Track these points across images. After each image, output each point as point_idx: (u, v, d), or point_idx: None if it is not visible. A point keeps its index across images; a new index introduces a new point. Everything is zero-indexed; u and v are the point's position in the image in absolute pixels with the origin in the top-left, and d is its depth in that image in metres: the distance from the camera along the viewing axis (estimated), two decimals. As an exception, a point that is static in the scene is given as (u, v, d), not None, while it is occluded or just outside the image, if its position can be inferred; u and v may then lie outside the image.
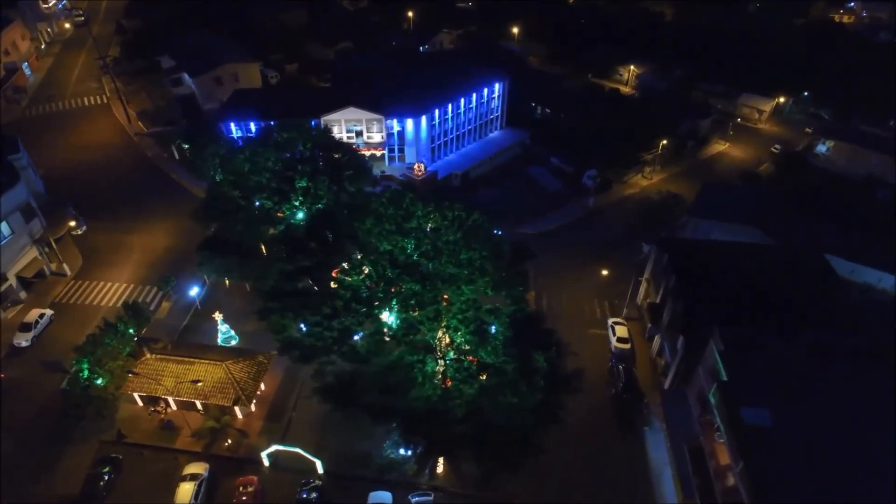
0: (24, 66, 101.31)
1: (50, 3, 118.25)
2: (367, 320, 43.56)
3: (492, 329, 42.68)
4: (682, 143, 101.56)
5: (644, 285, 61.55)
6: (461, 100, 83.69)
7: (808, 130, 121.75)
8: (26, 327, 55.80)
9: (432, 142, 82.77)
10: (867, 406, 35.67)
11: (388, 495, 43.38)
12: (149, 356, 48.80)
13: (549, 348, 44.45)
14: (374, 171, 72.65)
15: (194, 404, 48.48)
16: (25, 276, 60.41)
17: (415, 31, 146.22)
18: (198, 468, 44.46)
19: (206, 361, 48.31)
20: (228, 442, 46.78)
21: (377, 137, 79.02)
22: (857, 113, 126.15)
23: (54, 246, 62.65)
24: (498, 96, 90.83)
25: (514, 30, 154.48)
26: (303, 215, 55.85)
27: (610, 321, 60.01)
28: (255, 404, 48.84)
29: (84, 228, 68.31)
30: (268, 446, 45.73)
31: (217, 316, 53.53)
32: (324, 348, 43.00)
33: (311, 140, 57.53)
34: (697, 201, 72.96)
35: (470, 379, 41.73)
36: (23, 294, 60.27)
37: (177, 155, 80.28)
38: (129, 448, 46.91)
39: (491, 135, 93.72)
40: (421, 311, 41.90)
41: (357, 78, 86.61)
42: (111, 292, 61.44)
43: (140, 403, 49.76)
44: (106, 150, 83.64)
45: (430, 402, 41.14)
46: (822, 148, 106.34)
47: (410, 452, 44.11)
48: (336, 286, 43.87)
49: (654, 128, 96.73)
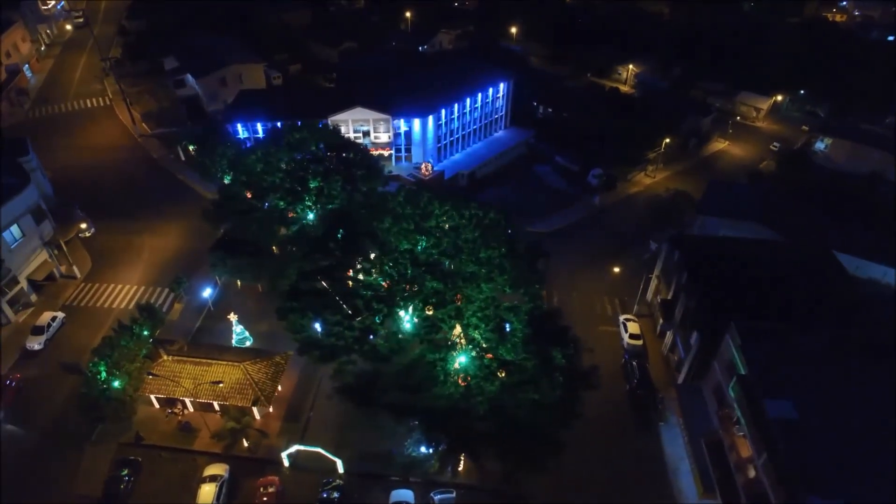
0: (25, 68, 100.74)
1: (49, 5, 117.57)
2: (388, 319, 43.81)
3: (509, 326, 43.05)
4: (684, 142, 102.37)
5: (654, 282, 62.06)
6: (467, 99, 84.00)
7: (805, 128, 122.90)
8: (38, 330, 55.57)
9: (439, 141, 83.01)
10: (888, 397, 36.24)
11: (409, 494, 43.55)
12: (165, 358, 48.72)
13: (566, 345, 44.83)
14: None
15: (212, 405, 48.52)
16: (36, 278, 60.24)
17: (413, 32, 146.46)
18: (218, 469, 44.44)
19: (224, 362, 48.28)
20: (246, 443, 46.78)
21: (384, 137, 79.19)
22: (854, 110, 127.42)
23: (64, 248, 62.42)
24: (503, 96, 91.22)
25: (513, 30, 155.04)
26: (313, 216, 55.99)
27: (621, 318, 60.47)
28: (272, 405, 48.91)
29: (92, 230, 68.13)
30: (287, 447, 45.81)
31: (232, 317, 53.47)
32: (345, 348, 43.18)
33: (323, 140, 57.60)
34: (705, 199, 73.53)
35: (490, 376, 42.01)
36: (33, 297, 60.03)
37: (183, 156, 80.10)
38: (147, 450, 46.89)
39: (496, 134, 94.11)
40: (442, 310, 42.21)
41: (362, 78, 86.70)
42: (122, 294, 61.28)
43: (156, 405, 49.71)
44: (111, 152, 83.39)
45: (453, 399, 41.47)
46: (820, 145, 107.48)
47: (431, 450, 44.30)
48: (357, 285, 44.06)
49: (657, 126, 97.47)
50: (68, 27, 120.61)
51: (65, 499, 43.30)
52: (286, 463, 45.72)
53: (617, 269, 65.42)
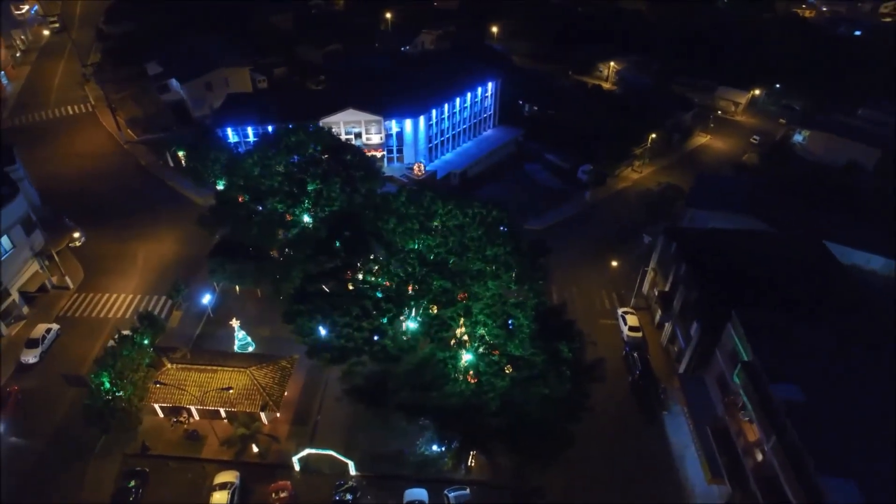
0: (1, 75, 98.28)
1: (23, 10, 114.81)
2: (397, 319, 43.97)
3: (514, 322, 43.46)
4: (667, 137, 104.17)
5: (650, 275, 63.14)
6: (457, 99, 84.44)
7: (782, 121, 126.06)
8: (33, 343, 54.40)
9: (430, 141, 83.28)
10: (890, 379, 37.57)
11: (423, 492, 43.70)
12: (169, 366, 48.15)
13: (572, 339, 45.54)
14: (377, 173, 72.96)
15: (218, 413, 48.12)
16: (28, 290, 58.97)
17: (395, 33, 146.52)
18: (228, 476, 44.07)
19: (230, 369, 47.91)
20: (256, 449, 46.47)
21: (376, 139, 79.17)
22: (827, 103, 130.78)
23: (56, 258, 61.20)
24: (491, 95, 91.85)
25: (494, 29, 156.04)
26: (312, 219, 55.82)
27: (620, 311, 61.46)
28: (280, 409, 48.63)
29: (83, 240, 66.86)
30: (296, 450, 45.68)
31: (234, 323, 53.08)
32: (355, 349, 43.25)
33: (320, 143, 57.45)
34: (694, 192, 75.03)
35: (500, 372, 42.43)
36: (25, 309, 58.72)
37: (172, 162, 79.03)
38: (154, 460, 46.29)
39: (485, 133, 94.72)
40: (451, 308, 42.52)
41: (352, 80, 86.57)
42: (118, 303, 60.30)
43: (161, 415, 49.10)
44: (97, 160, 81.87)
45: (464, 397, 41.79)
46: (798, 137, 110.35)
47: (444, 448, 44.57)
48: (365, 286, 44.13)
49: (642, 122, 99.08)
50: (45, 32, 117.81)
51: (72, 512, 42.62)
52: (297, 467, 45.55)
53: (613, 264, 66.49)
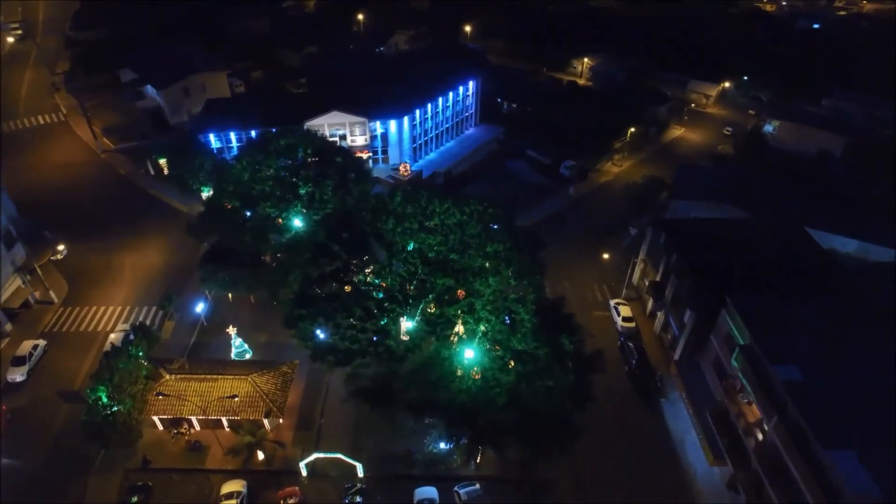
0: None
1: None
2: (401, 319, 44.07)
3: (515, 317, 43.97)
4: (644, 130, 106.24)
5: (640, 266, 64.39)
6: (439, 98, 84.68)
7: (751, 112, 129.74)
8: (19, 361, 52.81)
9: (414, 141, 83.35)
10: (884, 356, 39.24)
11: (433, 490, 43.91)
12: (168, 377, 47.29)
13: (572, 332, 46.27)
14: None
15: (220, 422, 47.47)
16: (11, 307, 57.22)
17: (369, 34, 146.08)
18: (235, 486, 43.56)
19: (231, 377, 47.31)
20: (262, 456, 46.03)
21: (361, 140, 78.92)
22: (792, 94, 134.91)
23: (39, 273, 59.47)
24: (472, 93, 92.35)
25: (467, 28, 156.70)
26: (304, 222, 55.37)
27: (612, 303, 62.59)
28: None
29: (64, 253, 65.08)
30: (303, 456, 45.45)
31: (231, 330, 52.37)
32: (360, 351, 43.21)
33: (311, 145, 57.06)
34: (676, 183, 76.77)
35: (505, 367, 42.85)
36: (8, 326, 56.97)
37: (152, 171, 77.39)
38: (156, 474, 45.45)
39: (467, 132, 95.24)
40: (456, 305, 42.81)
41: (334, 82, 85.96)
42: (106, 316, 58.91)
43: (160, 427, 48.24)
44: (74, 170, 79.62)
45: (471, 393, 42.09)
46: (768, 128, 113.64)
47: (451, 445, 44.82)
48: (367, 287, 44.09)
49: (619, 116, 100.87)
50: (10, 39, 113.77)
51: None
52: (304, 472, 45.26)
53: (602, 257, 67.61)
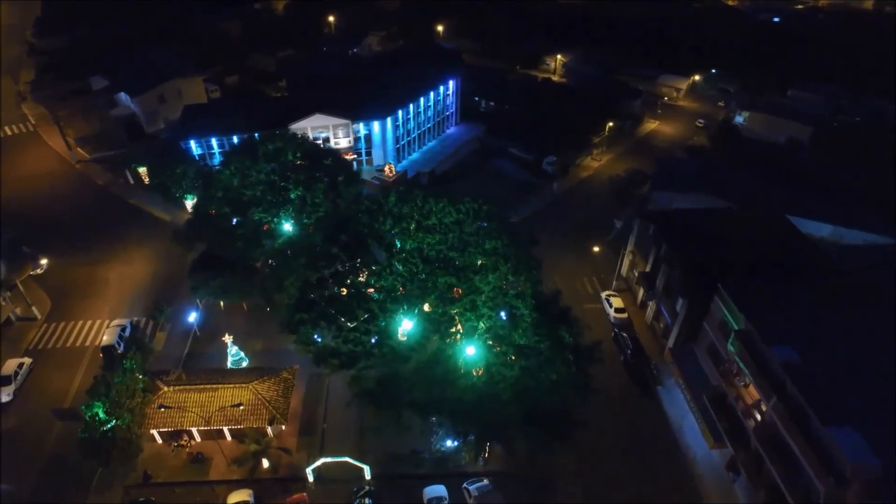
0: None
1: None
2: (402, 319, 44.09)
3: (516, 312, 44.42)
4: (620, 124, 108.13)
5: (628, 258, 65.63)
6: (420, 99, 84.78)
7: (720, 104, 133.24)
8: (5, 380, 51.05)
9: (397, 142, 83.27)
10: (875, 336, 40.94)
11: (442, 488, 44.07)
12: (166, 389, 46.39)
13: (571, 325, 47.01)
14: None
15: (222, 432, 46.80)
16: (-7, 325, 55.35)
17: (341, 35, 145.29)
18: (242, 496, 42.98)
19: (231, 385, 46.68)
20: (267, 464, 45.52)
21: (344, 143, 78.50)
22: (758, 85, 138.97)
23: (20, 288, 57.60)
24: (452, 93, 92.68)
25: (439, 28, 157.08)
26: (293, 226, 54.92)
27: (603, 295, 63.68)
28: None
29: (44, 267, 63.13)
30: (308, 461, 45.12)
31: (227, 339, 51.74)
32: (364, 352, 43.09)
33: (299, 149, 56.60)
34: (656, 176, 78.41)
35: (508, 362, 43.26)
36: (-10, 345, 55.06)
37: (132, 180, 75.54)
38: (158, 488, 44.55)
39: (448, 131, 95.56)
40: (458, 303, 43.04)
41: (314, 84, 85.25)
42: (93, 330, 57.39)
43: (159, 441, 47.30)
44: (49, 182, 77.13)
45: (477, 389, 42.41)
46: (739, 119, 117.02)
47: (459, 442, 45.09)
48: (370, 289, 43.99)
49: (597, 111, 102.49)
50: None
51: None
52: (311, 478, 44.93)
53: (595, 249, 68.67)
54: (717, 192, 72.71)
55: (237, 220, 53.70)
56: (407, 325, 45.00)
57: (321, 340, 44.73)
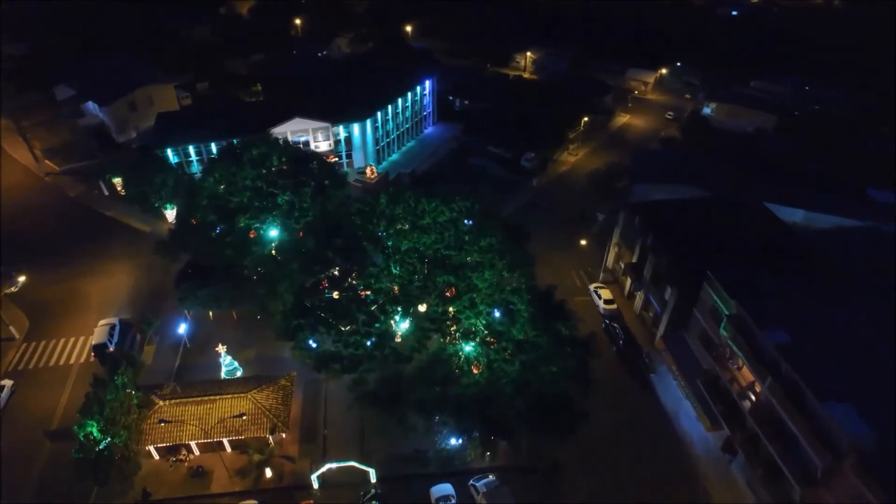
0: None
1: None
2: (401, 320, 44.10)
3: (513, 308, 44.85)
4: (594, 118, 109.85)
5: (614, 250, 66.81)
6: (398, 100, 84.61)
7: (687, 96, 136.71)
8: (-14, 405, 49.27)
9: (377, 144, 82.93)
10: (862, 317, 42.71)
11: (449, 487, 44.20)
12: (162, 403, 45.30)
13: (567, 318, 47.72)
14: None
15: (221, 444, 45.96)
16: (-31, 348, 53.14)
17: (310, 38, 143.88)
18: (247, 507, 42.46)
19: (229, 396, 45.86)
20: (270, 473, 44.93)
21: (324, 146, 77.81)
22: (722, 77, 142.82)
23: (-3, 308, 55.53)
24: (429, 93, 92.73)
25: (409, 28, 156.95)
26: (285, 231, 54.28)
27: (591, 287, 64.71)
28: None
29: (20, 284, 60.85)
30: (312, 468, 44.73)
31: (220, 349, 50.80)
32: (366, 355, 42.94)
33: (284, 153, 55.91)
34: (633, 168, 79.88)
35: (509, 357, 43.66)
36: (-33, 369, 52.87)
37: (106, 191, 73.31)
38: (159, 505, 43.61)
39: (426, 131, 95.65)
40: (458, 301, 43.23)
41: (290, 88, 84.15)
42: (77, 347, 55.64)
43: (157, 456, 46.20)
44: (17, 196, 74.21)
45: (480, 386, 42.69)
46: (707, 110, 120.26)
47: (464, 440, 45.27)
48: (368, 291, 43.82)
49: (570, 107, 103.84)
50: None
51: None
52: (316, 485, 44.52)
53: (583, 243, 69.66)
54: (694, 182, 74.45)
55: (224, 227, 52.67)
56: (407, 326, 45.07)
57: (320, 346, 44.30)
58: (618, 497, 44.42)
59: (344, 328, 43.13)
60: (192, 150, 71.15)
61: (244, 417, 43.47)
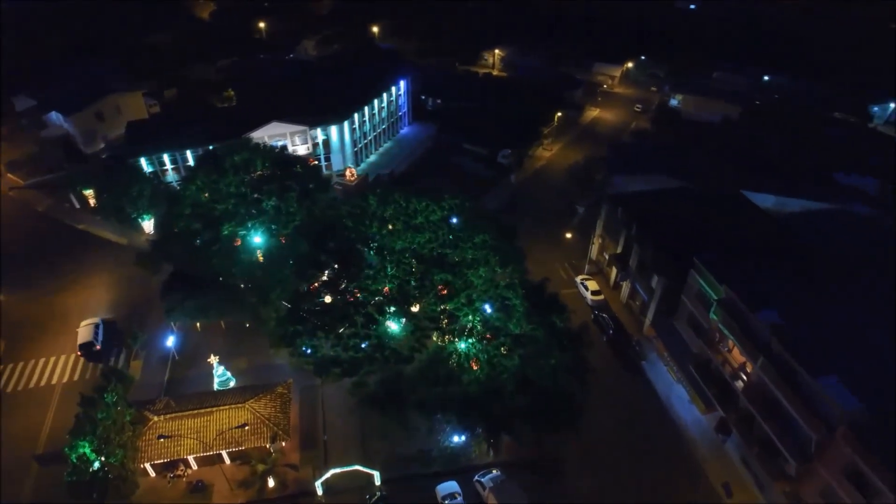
0: None
1: None
2: (402, 320, 43.95)
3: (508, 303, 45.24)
4: (567, 113, 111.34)
5: (597, 242, 67.89)
6: (375, 101, 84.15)
7: (653, 89, 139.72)
8: (-35, 432, 47.14)
9: (355, 146, 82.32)
10: (846, 297, 44.52)
11: (454, 484, 44.31)
12: (156, 419, 44.09)
13: (561, 311, 48.38)
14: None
15: (220, 456, 45.05)
16: (-58, 373, 50.74)
17: (275, 40, 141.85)
18: (252, 518, 41.77)
19: (226, 407, 44.92)
20: (272, 483, 44.27)
21: (302, 149, 76.82)
22: (685, 69, 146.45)
23: (-30, 331, 53.14)
24: (404, 93, 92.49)
25: (375, 29, 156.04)
26: (273, 237, 53.43)
27: (578, 279, 65.67)
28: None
29: (-9, 305, 58.49)
30: (315, 475, 44.27)
31: (213, 360, 49.73)
32: (366, 358, 42.68)
33: (267, 158, 55.05)
34: (610, 161, 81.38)
35: (507, 352, 44.01)
36: (-58, 396, 50.48)
37: (77, 204, 70.76)
38: (158, 523, 42.52)
39: (402, 131, 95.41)
40: (456, 299, 43.36)
41: (264, 92, 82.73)
42: (58, 367, 53.66)
43: (152, 474, 44.99)
44: (-22, 213, 71.17)
45: (480, 382, 42.89)
46: (674, 101, 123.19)
47: (467, 437, 45.43)
48: (365, 293, 43.54)
49: (542, 103, 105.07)
50: None
51: None
52: (320, 491, 44.06)
53: (563, 236, 70.55)
54: (669, 172, 76.27)
55: (210, 235, 51.55)
56: (405, 326, 44.92)
57: (319, 350, 43.80)
58: (618, 486, 45.13)
59: (343, 331, 42.72)
60: (167, 158, 69.27)
61: (247, 428, 42.66)
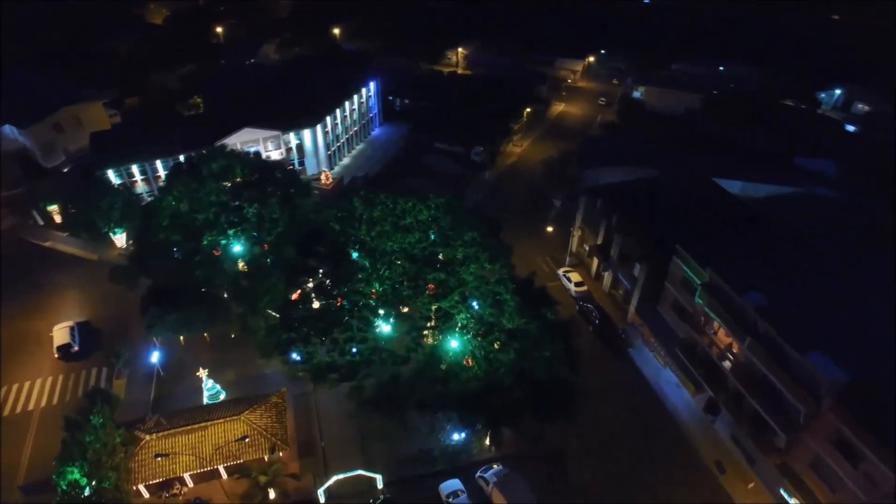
0: None
1: None
2: (398, 321, 43.80)
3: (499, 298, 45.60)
4: (535, 109, 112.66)
5: (577, 234, 68.99)
6: (345, 103, 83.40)
7: (615, 82, 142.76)
8: (-62, 466, 44.69)
9: (328, 149, 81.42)
10: (825, 278, 46.49)
11: (458, 482, 44.39)
12: (148, 438, 42.74)
13: (550, 303, 49.07)
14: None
15: (217, 471, 43.97)
16: None
17: (235, 45, 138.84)
18: (255, 531, 40.96)
19: (221, 420, 43.88)
20: (273, 494, 43.49)
21: (276, 154, 75.53)
22: (644, 62, 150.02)
23: (-63, 359, 50.32)
24: (374, 94, 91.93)
25: (336, 31, 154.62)
26: (252, 246, 52.44)
27: (560, 272, 66.60)
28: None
29: (-44, 331, 55.49)
30: (314, 483, 43.75)
31: (202, 373, 48.53)
32: (363, 361, 42.35)
33: (246, 165, 53.97)
34: (583, 154, 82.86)
35: (502, 347, 44.37)
36: None
37: (41, 220, 67.76)
38: (157, 545, 41.26)
39: (374, 132, 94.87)
40: (449, 297, 43.42)
41: (233, 99, 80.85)
42: (34, 392, 51.35)
43: (146, 495, 43.61)
44: (-66, 236, 67.31)
45: (479, 379, 43.12)
46: (636, 94, 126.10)
47: (468, 433, 45.58)
48: (358, 296, 43.17)
49: (509, 99, 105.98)
50: None
51: None
52: (322, 499, 43.51)
53: (542, 230, 71.36)
54: (640, 163, 78.17)
55: (191, 246, 50.21)
56: (400, 327, 44.75)
57: (313, 357, 43.23)
58: (616, 471, 46.06)
59: (339, 336, 42.26)
60: (136, 169, 67.03)
61: (247, 440, 41.76)
